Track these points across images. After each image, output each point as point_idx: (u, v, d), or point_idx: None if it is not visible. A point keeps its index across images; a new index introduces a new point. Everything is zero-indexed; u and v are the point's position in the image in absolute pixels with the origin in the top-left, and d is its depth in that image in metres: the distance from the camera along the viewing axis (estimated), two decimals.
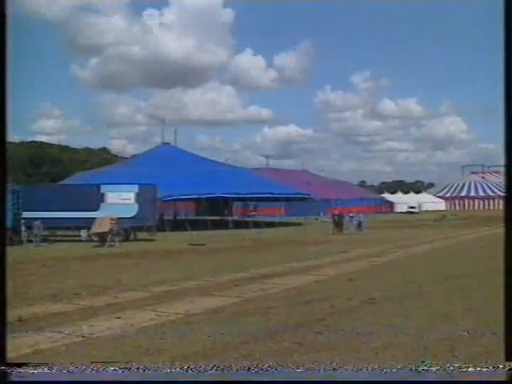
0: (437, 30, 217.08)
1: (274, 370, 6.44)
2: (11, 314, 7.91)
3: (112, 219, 32.24)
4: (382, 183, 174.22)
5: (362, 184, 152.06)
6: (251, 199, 64.47)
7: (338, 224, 44.70)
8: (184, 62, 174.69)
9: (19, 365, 5.81)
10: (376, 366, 6.53)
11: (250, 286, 15.23)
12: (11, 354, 6.12)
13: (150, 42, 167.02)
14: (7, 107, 4.12)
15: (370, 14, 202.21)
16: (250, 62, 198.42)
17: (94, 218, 33.61)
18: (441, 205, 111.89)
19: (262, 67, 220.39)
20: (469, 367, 6.23)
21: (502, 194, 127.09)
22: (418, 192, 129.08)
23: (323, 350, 8.21)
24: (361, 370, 6.50)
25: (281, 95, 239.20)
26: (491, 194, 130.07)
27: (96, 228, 32.75)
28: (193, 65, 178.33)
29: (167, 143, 65.47)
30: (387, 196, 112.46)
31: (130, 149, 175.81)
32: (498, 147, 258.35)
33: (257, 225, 47.46)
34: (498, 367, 5.46)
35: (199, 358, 7.45)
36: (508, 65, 4.04)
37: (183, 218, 55.67)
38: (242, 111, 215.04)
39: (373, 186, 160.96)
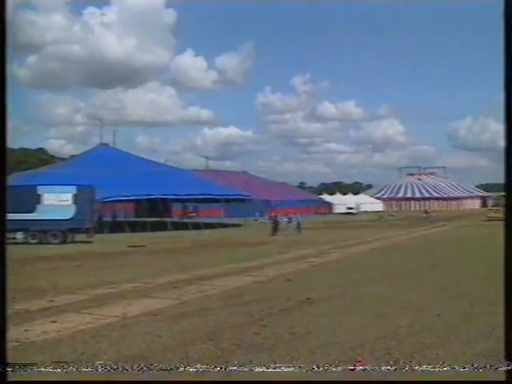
0: (377, 33, 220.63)
1: (273, 369, 6.50)
2: None
3: None
4: (321, 184, 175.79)
5: (302, 185, 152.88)
6: (191, 200, 64.18)
7: (277, 225, 44.93)
8: (124, 62, 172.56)
9: (19, 365, 5.75)
10: (376, 366, 6.63)
11: (189, 288, 15.20)
12: None
13: (91, 42, 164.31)
14: (7, 107, 4.06)
15: (311, 16, 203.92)
16: (190, 63, 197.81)
17: (31, 220, 32.99)
18: (378, 206, 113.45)
19: (202, 68, 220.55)
20: (469, 367, 6.34)
21: (437, 195, 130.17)
22: (356, 193, 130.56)
23: (261, 351, 8.27)
24: (359, 369, 6.62)
25: (221, 96, 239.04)
26: (427, 195, 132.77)
27: None
28: (133, 65, 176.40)
29: (106, 144, 64.67)
30: (326, 197, 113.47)
31: (68, 149, 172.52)
32: (433, 149, 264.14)
33: (196, 226, 47.35)
34: (498, 367, 5.55)
35: (136, 361, 7.40)
36: (508, 65, 4.12)
37: (122, 219, 55.06)
38: (182, 112, 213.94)
39: (312, 187, 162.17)
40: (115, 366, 6.42)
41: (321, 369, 6.59)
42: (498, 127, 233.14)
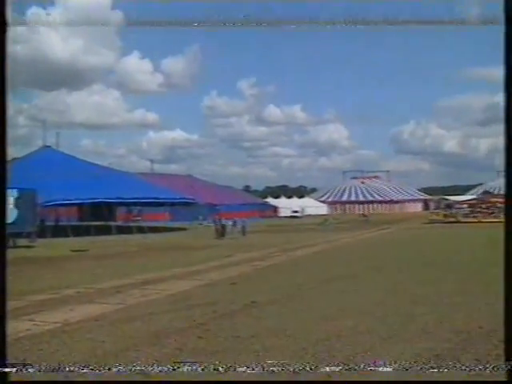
0: (322, 37, 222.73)
1: (274, 370, 6.46)
2: None
3: None
4: (267, 188, 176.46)
5: (247, 189, 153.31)
6: (135, 204, 63.58)
7: (222, 229, 44.93)
8: (69, 64, 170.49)
9: (19, 365, 5.65)
10: (376, 366, 6.63)
11: (133, 292, 15.07)
12: None
13: (35, 42, 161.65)
14: (7, 107, 3.96)
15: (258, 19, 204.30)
16: (136, 66, 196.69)
17: None
18: (323, 209, 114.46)
19: (148, 71, 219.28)
20: (469, 367, 6.38)
21: (380, 198, 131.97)
22: (301, 197, 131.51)
23: (204, 355, 8.24)
24: (359, 369, 6.62)
25: (167, 100, 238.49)
26: (370, 198, 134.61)
27: None
28: (78, 66, 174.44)
29: (49, 146, 63.52)
30: (271, 201, 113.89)
31: (9, 152, 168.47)
32: (377, 153, 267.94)
33: (141, 230, 46.90)
34: (498, 367, 5.58)
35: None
36: (508, 66, 4.16)
37: (65, 223, 54.17)
38: (127, 115, 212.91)
39: (257, 190, 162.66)
40: (115, 367, 6.45)
41: (313, 368, 6.64)
42: (440, 132, 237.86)
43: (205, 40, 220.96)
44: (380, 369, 6.48)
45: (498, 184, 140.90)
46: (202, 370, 6.29)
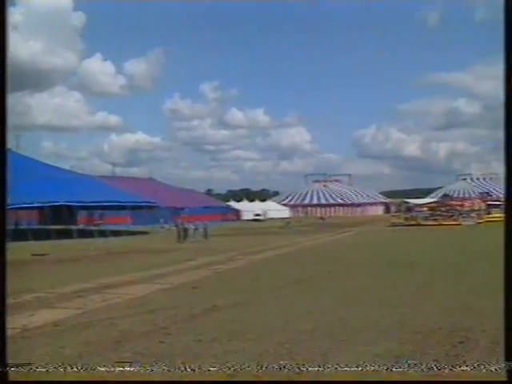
0: (285, 42, 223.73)
1: (273, 370, 6.49)
2: None
3: None
4: (229, 191, 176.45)
5: (209, 192, 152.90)
6: (97, 208, 63.02)
7: (184, 232, 44.80)
8: (30, 65, 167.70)
9: (19, 365, 5.62)
10: (377, 366, 6.69)
11: (94, 297, 15.00)
12: None
13: None
14: (7, 108, 3.97)
15: (220, 23, 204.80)
16: (99, 68, 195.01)
17: None
18: (285, 212, 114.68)
19: (111, 73, 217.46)
20: (469, 367, 6.45)
21: (342, 201, 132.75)
22: (263, 200, 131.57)
23: (165, 359, 8.26)
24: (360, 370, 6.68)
25: (130, 102, 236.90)
26: (332, 201, 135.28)
27: None
28: (39, 68, 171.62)
29: (9, 149, 62.59)
30: (233, 204, 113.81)
31: None
32: (339, 157, 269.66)
33: (102, 234, 46.49)
34: (498, 367, 5.65)
35: None
36: (508, 65, 4.25)
37: (25, 227, 53.46)
38: (89, 117, 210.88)
39: (220, 194, 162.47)
40: (115, 367, 6.56)
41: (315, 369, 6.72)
42: (401, 136, 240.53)
43: (168, 43, 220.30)
44: (381, 369, 6.59)
45: (458, 187, 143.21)
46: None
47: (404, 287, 15.96)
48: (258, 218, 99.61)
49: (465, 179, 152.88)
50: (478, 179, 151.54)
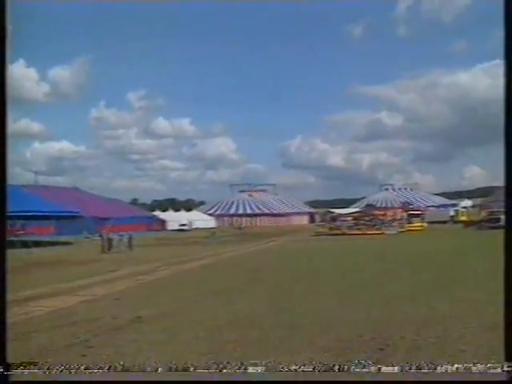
0: (212, 51, 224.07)
1: (272, 370, 6.37)
2: None
3: None
4: (154, 201, 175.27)
5: (135, 202, 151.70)
6: (19, 217, 61.55)
7: (109, 243, 44.27)
8: None
9: (19, 365, 5.42)
10: (375, 367, 6.62)
11: (13, 310, 14.57)
12: None
13: None
14: (7, 108, 3.85)
15: (147, 31, 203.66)
16: (21, 74, 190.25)
17: None
18: (211, 222, 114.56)
19: (34, 80, 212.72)
20: (469, 367, 6.42)
21: (267, 211, 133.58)
22: (189, 210, 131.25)
23: (86, 373, 8.14)
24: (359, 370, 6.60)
25: (53, 110, 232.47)
26: (257, 211, 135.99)
27: None
28: None
29: None
30: (159, 214, 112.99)
31: None
32: (264, 167, 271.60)
33: (24, 244, 45.38)
34: (498, 367, 5.64)
35: None
36: (508, 64, 4.30)
37: None
38: (11, 125, 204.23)
39: (145, 203, 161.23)
40: (116, 367, 6.57)
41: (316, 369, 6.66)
42: (325, 146, 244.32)
43: (93, 50, 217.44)
44: (382, 369, 6.61)
45: (380, 197, 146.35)
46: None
47: (326, 295, 16.15)
48: (183, 227, 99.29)
49: (387, 189, 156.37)
50: (399, 189, 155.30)
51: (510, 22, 4.56)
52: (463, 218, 77.38)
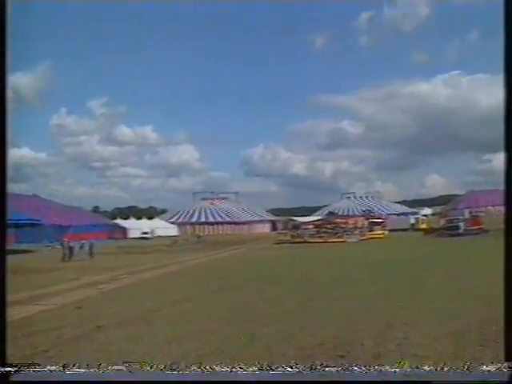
0: (174, 58, 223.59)
1: (272, 370, 6.33)
2: None
3: None
4: (116, 209, 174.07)
5: (96, 209, 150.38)
6: None
7: (69, 251, 43.86)
8: None
9: (19, 365, 5.63)
10: (375, 367, 6.58)
11: None
12: None
13: None
14: (7, 108, 3.80)
15: (110, 37, 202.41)
16: None
17: None
18: (173, 230, 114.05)
19: None
20: (469, 367, 6.41)
21: (229, 219, 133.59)
22: (150, 218, 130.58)
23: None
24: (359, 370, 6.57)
25: (14, 116, 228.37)
26: (219, 219, 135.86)
27: None
28: None
29: None
30: (120, 222, 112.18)
31: None
32: (227, 175, 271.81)
33: None
34: (498, 367, 5.66)
35: None
36: (508, 64, 4.34)
37: None
38: None
39: (106, 211, 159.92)
40: (116, 367, 6.54)
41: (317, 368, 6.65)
42: (288, 155, 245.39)
43: (56, 57, 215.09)
44: (384, 369, 6.62)
45: (342, 205, 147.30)
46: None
47: (287, 303, 16.20)
48: (145, 235, 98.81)
49: (349, 197, 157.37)
50: (361, 197, 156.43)
51: (510, 22, 4.65)
52: (423, 226, 78.19)
